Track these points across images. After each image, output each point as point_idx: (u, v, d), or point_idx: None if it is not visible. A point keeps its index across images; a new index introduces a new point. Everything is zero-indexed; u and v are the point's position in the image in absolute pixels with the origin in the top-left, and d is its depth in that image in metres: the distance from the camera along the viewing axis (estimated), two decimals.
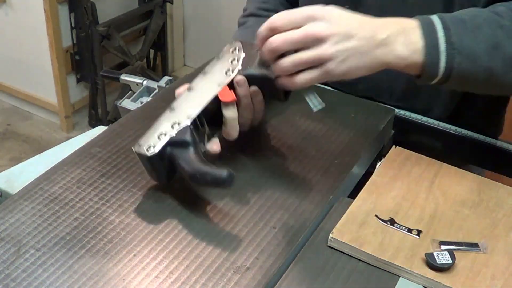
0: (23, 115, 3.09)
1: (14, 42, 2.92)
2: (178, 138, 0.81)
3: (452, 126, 1.05)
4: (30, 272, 0.72)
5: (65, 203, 0.82)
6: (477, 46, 0.77)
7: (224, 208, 0.83)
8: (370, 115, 1.05)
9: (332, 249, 0.80)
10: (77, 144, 0.95)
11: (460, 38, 0.77)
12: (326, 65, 0.75)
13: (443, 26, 0.78)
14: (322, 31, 0.74)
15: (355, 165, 0.94)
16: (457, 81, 0.80)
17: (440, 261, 0.76)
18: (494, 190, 0.92)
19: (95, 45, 2.74)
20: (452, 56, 0.77)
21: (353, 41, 0.75)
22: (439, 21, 0.78)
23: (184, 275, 0.73)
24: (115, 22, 2.82)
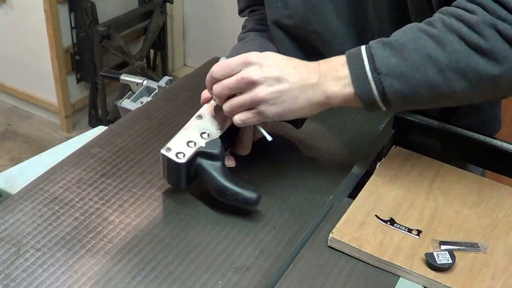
0: (23, 115, 3.09)
1: (14, 42, 2.92)
2: (207, 149, 0.82)
3: (452, 126, 1.05)
4: (30, 272, 0.72)
5: (65, 203, 0.82)
6: (405, 64, 0.77)
7: (224, 208, 0.83)
8: (370, 115, 1.05)
9: (332, 249, 0.80)
10: (77, 144, 0.95)
11: (386, 62, 0.78)
12: (259, 107, 0.80)
13: (367, 55, 0.79)
14: (254, 75, 0.79)
15: (355, 165, 0.94)
16: (401, 103, 0.80)
17: (440, 261, 0.76)
18: (494, 190, 0.92)
19: (95, 45, 2.74)
20: (380, 81, 0.78)
21: (285, 84, 0.79)
22: (364, 51, 0.80)
23: (184, 275, 0.73)
24: (115, 22, 2.82)
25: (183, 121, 1.00)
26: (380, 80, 0.78)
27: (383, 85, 0.78)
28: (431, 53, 0.77)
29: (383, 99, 0.79)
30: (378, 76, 0.78)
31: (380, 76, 0.78)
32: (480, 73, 0.77)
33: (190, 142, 0.82)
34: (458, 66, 0.77)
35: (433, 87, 0.78)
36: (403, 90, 0.78)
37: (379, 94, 0.79)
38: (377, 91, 0.79)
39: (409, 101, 0.80)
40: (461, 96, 0.80)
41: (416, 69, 0.77)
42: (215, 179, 0.81)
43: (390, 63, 0.78)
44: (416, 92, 0.79)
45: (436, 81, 0.78)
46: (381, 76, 0.78)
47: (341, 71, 0.80)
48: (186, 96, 1.07)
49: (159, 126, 0.99)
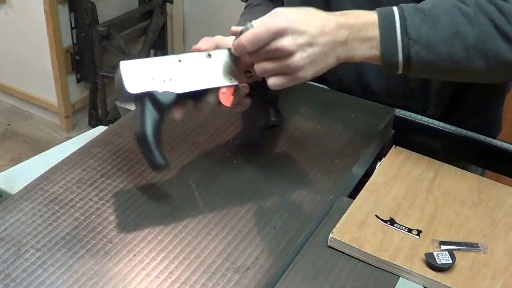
0: (23, 115, 3.09)
1: (14, 42, 2.92)
2: (159, 96, 0.79)
3: (452, 126, 1.05)
4: (30, 272, 0.72)
5: (65, 203, 0.82)
6: (435, 35, 0.80)
7: (224, 208, 0.83)
8: (370, 115, 1.05)
9: (332, 249, 0.80)
10: (77, 144, 0.96)
11: (417, 28, 0.80)
12: (297, 73, 0.80)
13: (400, 17, 0.80)
14: (288, 46, 0.77)
15: (355, 165, 0.94)
16: (420, 70, 0.83)
17: (440, 261, 0.76)
18: (494, 190, 0.92)
19: (95, 45, 2.73)
20: (408, 46, 0.80)
21: (317, 47, 0.79)
22: (397, 12, 0.81)
23: (184, 275, 0.73)
24: (115, 22, 2.82)
25: (182, 121, 1.00)
26: (409, 45, 0.80)
27: (410, 50, 0.80)
28: (461, 30, 0.79)
29: (406, 63, 0.81)
30: (407, 41, 0.80)
31: (410, 42, 0.79)
32: (500, 57, 0.80)
33: (151, 78, 0.79)
34: (482, 47, 0.80)
35: (455, 62, 0.81)
36: (427, 59, 0.80)
37: (404, 59, 0.81)
38: (402, 55, 0.80)
39: (428, 70, 0.83)
40: (475, 74, 0.84)
41: (444, 42, 0.80)
42: (143, 123, 0.78)
43: (422, 30, 0.79)
44: (438, 64, 0.81)
45: (459, 57, 0.80)
46: (411, 42, 0.79)
47: (370, 30, 0.80)
48: None
49: None
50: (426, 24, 0.80)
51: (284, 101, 1.08)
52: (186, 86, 0.81)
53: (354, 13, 0.82)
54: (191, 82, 0.81)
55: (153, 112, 0.79)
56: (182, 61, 0.82)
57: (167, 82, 0.79)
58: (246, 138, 0.98)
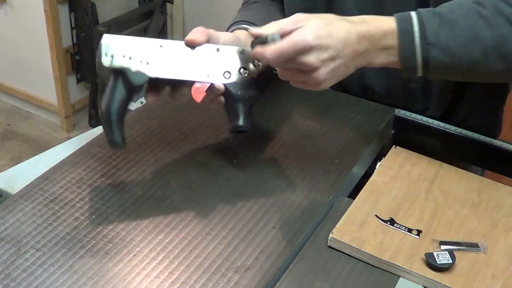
0: (23, 115, 3.09)
1: (14, 42, 2.92)
2: (131, 75, 0.79)
3: (452, 126, 1.05)
4: (30, 272, 0.72)
5: (65, 203, 0.82)
6: (454, 39, 0.80)
7: (224, 208, 0.83)
8: (370, 115, 1.05)
9: (332, 249, 0.80)
10: (77, 144, 0.96)
11: (436, 33, 0.80)
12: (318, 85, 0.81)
13: (418, 22, 0.81)
14: (313, 62, 0.78)
15: (355, 165, 0.94)
16: (439, 73, 0.83)
17: (440, 261, 0.76)
18: (494, 190, 0.92)
19: (95, 45, 2.73)
20: (427, 50, 0.80)
21: (339, 61, 0.80)
22: (416, 17, 0.82)
23: (184, 275, 0.73)
24: (115, 22, 2.82)
25: (182, 121, 1.00)
26: (428, 50, 0.80)
27: (429, 55, 0.80)
28: (480, 33, 0.80)
29: (425, 67, 0.82)
30: (426, 46, 0.80)
31: (429, 47, 0.80)
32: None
33: (128, 56, 0.79)
34: (501, 49, 0.81)
35: (473, 65, 0.82)
36: (446, 63, 0.81)
37: (423, 63, 0.81)
38: (421, 59, 0.81)
39: (447, 73, 0.84)
40: (494, 75, 0.85)
41: (463, 46, 0.81)
42: (109, 99, 0.78)
43: (440, 35, 0.80)
44: (457, 67, 0.82)
45: (477, 60, 0.81)
46: (429, 47, 0.80)
47: (390, 39, 0.81)
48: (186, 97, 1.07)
49: (159, 126, 0.99)
50: (444, 29, 0.80)
51: (284, 101, 1.08)
52: (160, 72, 0.81)
53: (374, 20, 0.82)
54: (166, 70, 0.81)
55: (122, 91, 0.79)
56: (163, 47, 0.81)
57: (143, 63, 0.80)
58: (246, 138, 0.98)
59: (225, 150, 0.95)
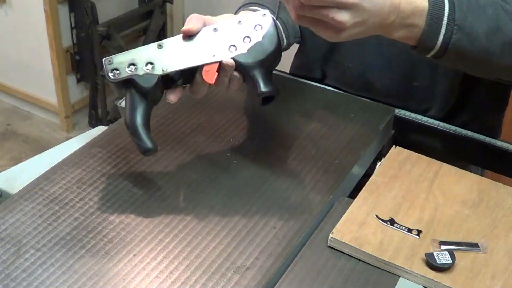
0: (23, 115, 3.09)
1: (14, 42, 2.92)
2: (140, 81, 0.81)
3: (452, 126, 1.05)
4: (30, 272, 0.72)
5: (65, 203, 0.82)
6: (479, 26, 0.80)
7: (224, 208, 0.83)
8: (370, 115, 1.05)
9: (332, 249, 0.80)
10: (77, 144, 0.96)
11: (463, 16, 0.80)
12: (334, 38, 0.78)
13: (449, 2, 0.80)
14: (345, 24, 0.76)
15: (355, 165, 0.94)
16: (452, 57, 0.83)
17: (440, 261, 0.76)
18: (494, 190, 0.92)
19: (95, 45, 2.73)
20: (451, 31, 0.80)
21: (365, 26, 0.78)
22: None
23: (184, 275, 0.73)
24: (115, 22, 2.81)
25: (182, 121, 1.00)
26: (452, 31, 0.79)
27: (453, 36, 0.80)
28: (503, 26, 0.80)
29: (443, 48, 0.81)
30: (452, 26, 0.79)
31: (454, 28, 0.79)
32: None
33: (132, 65, 0.81)
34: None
35: (489, 55, 0.82)
36: (465, 48, 0.81)
37: (443, 42, 0.80)
38: (442, 39, 0.80)
39: (461, 59, 0.83)
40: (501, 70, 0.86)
41: (485, 35, 0.80)
42: (129, 112, 0.81)
43: (467, 19, 0.80)
44: (473, 55, 0.82)
45: (494, 51, 0.81)
46: (455, 28, 0.79)
47: (418, 18, 0.80)
48: (186, 96, 1.07)
49: (159, 126, 0.99)
50: (472, 13, 0.80)
51: (284, 101, 1.08)
52: (166, 68, 0.82)
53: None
54: (172, 63, 0.82)
55: (138, 99, 0.82)
56: (163, 46, 0.83)
57: (148, 66, 0.82)
58: (246, 138, 0.98)
59: (225, 150, 0.95)
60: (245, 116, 1.03)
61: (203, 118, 1.02)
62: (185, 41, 0.84)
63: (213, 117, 1.02)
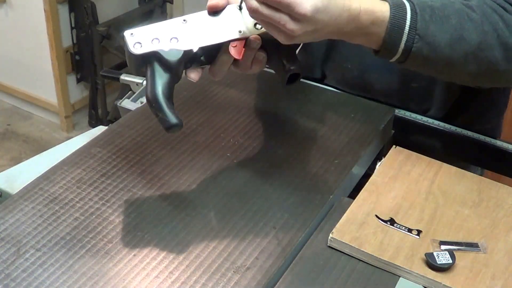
0: (23, 115, 3.09)
1: (14, 42, 2.92)
2: (165, 55, 0.78)
3: (452, 126, 1.05)
4: (30, 272, 0.72)
5: (65, 203, 0.82)
6: (441, 36, 0.80)
7: (224, 208, 0.83)
8: (370, 115, 1.05)
9: (332, 249, 0.80)
10: (77, 144, 0.95)
11: (425, 25, 0.79)
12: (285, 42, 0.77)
13: (411, 11, 0.80)
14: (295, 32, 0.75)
15: (355, 165, 0.94)
16: (415, 63, 0.82)
17: (440, 261, 0.76)
18: (494, 190, 0.92)
19: (95, 45, 2.74)
20: (412, 40, 0.79)
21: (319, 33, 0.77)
22: (409, 6, 0.80)
23: (184, 275, 0.73)
24: (115, 22, 2.82)
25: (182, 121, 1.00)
26: (413, 40, 0.79)
27: (414, 45, 0.79)
28: (466, 35, 0.80)
29: (404, 54, 0.80)
30: (413, 35, 0.79)
31: (415, 37, 0.79)
32: (493, 65, 0.82)
33: (155, 39, 0.78)
34: (480, 54, 0.81)
35: (450, 64, 0.82)
36: (427, 56, 0.80)
37: (404, 50, 0.80)
38: (403, 47, 0.80)
39: (424, 66, 0.83)
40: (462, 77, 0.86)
41: (448, 44, 0.80)
42: (153, 84, 0.77)
43: (429, 28, 0.79)
44: (435, 63, 0.82)
45: (456, 61, 0.81)
46: (416, 38, 0.79)
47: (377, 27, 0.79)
48: (186, 96, 1.07)
49: (159, 126, 0.98)
50: (434, 23, 0.80)
51: (284, 101, 1.08)
52: (192, 43, 0.80)
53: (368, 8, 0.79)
54: (197, 39, 0.80)
55: (161, 73, 0.78)
56: (188, 21, 0.81)
57: (173, 41, 0.79)
58: (246, 138, 0.98)
59: (225, 150, 0.95)
60: (245, 116, 1.03)
61: (203, 118, 1.02)
62: (209, 17, 0.82)
63: (213, 117, 1.02)
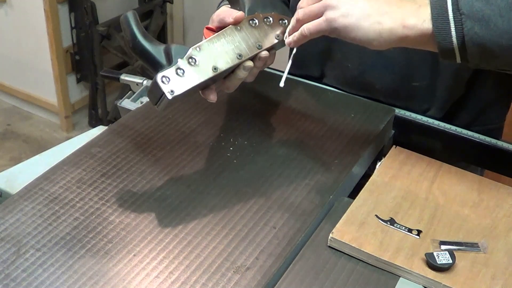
0: (23, 115, 3.09)
1: (14, 42, 2.92)
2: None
3: (453, 126, 1.05)
4: (30, 272, 0.72)
5: (65, 203, 0.82)
6: (489, 8, 0.74)
7: (224, 208, 0.83)
8: (370, 115, 1.05)
9: (332, 249, 0.80)
10: (77, 144, 0.95)
11: (470, 3, 0.75)
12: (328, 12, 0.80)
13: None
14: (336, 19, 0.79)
15: (355, 165, 0.94)
16: (476, 51, 0.76)
17: (440, 261, 0.76)
18: (494, 190, 0.92)
19: (95, 45, 2.74)
20: (460, 22, 0.75)
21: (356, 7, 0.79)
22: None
23: (184, 275, 0.73)
24: (115, 22, 2.81)
25: (182, 121, 1.00)
26: (461, 21, 0.74)
27: (463, 26, 0.74)
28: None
29: (460, 43, 0.76)
30: (459, 17, 0.75)
31: (462, 17, 0.75)
32: None
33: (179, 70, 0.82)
34: None
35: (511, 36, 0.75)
36: (483, 35, 0.75)
37: (457, 37, 0.75)
38: (455, 33, 0.75)
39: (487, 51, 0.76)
40: None
41: (500, 15, 0.74)
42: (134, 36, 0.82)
43: (474, 5, 0.75)
44: (496, 42, 0.75)
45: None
46: (463, 17, 0.74)
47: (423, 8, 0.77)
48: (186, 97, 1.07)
49: (159, 126, 0.99)
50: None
51: (284, 101, 1.08)
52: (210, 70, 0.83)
53: None
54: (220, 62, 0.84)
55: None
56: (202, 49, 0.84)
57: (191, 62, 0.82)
58: (246, 138, 0.98)
59: (225, 150, 0.95)
60: (245, 116, 1.03)
61: (203, 118, 1.02)
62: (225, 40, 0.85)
63: (213, 117, 1.02)
